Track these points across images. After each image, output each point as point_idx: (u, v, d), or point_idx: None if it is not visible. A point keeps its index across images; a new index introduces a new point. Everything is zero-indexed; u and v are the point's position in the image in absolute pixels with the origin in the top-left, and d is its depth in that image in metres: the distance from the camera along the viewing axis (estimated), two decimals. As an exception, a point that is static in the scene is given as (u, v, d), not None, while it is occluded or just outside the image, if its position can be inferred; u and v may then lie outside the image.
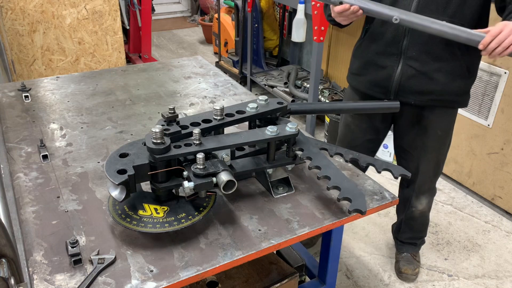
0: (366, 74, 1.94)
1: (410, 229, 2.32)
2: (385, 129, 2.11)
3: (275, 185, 1.41)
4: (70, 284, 1.06)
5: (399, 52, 1.81)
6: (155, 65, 2.47)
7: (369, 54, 1.91)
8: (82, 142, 1.67)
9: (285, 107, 1.46)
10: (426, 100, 1.85)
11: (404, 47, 1.79)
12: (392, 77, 1.85)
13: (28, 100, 1.98)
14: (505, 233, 2.70)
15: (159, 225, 1.16)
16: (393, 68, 1.84)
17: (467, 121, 2.89)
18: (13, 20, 3.37)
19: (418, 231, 2.34)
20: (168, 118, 1.29)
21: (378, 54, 1.87)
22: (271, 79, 4.34)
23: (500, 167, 2.76)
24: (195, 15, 7.27)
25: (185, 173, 1.19)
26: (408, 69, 1.81)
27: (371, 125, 2.08)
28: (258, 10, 4.48)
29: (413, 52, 1.78)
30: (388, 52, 1.83)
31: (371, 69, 1.92)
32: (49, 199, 1.35)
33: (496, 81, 2.64)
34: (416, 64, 1.79)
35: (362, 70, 1.96)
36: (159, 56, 5.67)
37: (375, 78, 1.91)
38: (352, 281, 2.35)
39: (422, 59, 1.78)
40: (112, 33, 3.78)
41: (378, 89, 1.91)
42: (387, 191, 1.42)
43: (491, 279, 2.37)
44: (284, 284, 1.58)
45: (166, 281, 1.07)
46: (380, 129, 2.09)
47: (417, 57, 1.78)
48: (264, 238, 1.21)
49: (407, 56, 1.80)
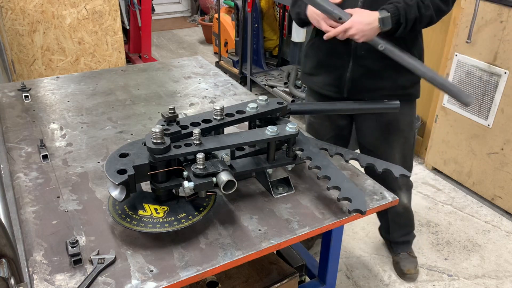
0: (319, 74, 1.97)
1: (399, 226, 2.34)
2: (347, 125, 2.13)
3: (275, 185, 1.41)
4: (70, 284, 1.06)
5: (349, 52, 1.84)
6: (155, 65, 2.47)
7: (320, 55, 1.93)
8: (82, 142, 1.67)
9: (285, 107, 1.46)
10: (379, 96, 1.88)
11: (353, 46, 1.82)
12: (344, 77, 1.88)
13: (28, 100, 1.98)
14: (505, 233, 2.70)
15: (159, 225, 1.16)
16: (344, 67, 1.87)
17: (467, 121, 2.89)
18: (13, 20, 3.37)
19: (407, 226, 2.37)
20: (168, 118, 1.29)
21: (329, 54, 1.90)
22: (271, 79, 4.34)
23: (500, 167, 2.76)
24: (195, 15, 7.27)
25: (185, 173, 1.19)
26: (359, 68, 1.85)
27: (333, 122, 2.11)
28: (258, 10, 4.48)
29: (362, 51, 1.82)
30: (338, 52, 1.86)
31: (323, 69, 1.95)
32: (49, 199, 1.35)
33: (496, 81, 2.64)
34: (366, 63, 1.83)
35: (315, 70, 1.99)
36: (159, 56, 5.67)
37: (328, 78, 1.94)
38: (352, 281, 2.35)
39: (371, 58, 1.81)
40: (112, 33, 3.78)
41: (331, 88, 1.94)
42: (387, 191, 1.42)
43: (491, 279, 2.37)
44: (284, 284, 1.58)
45: (166, 281, 1.07)
46: (342, 125, 2.12)
47: (366, 55, 1.82)
48: (264, 238, 1.21)
49: (357, 56, 1.83)
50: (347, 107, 1.90)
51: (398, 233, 2.36)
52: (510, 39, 2.52)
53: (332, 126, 2.12)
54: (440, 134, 3.11)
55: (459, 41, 2.80)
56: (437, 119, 3.10)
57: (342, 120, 2.10)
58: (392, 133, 2.01)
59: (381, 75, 1.85)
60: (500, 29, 2.56)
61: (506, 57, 2.57)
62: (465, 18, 2.72)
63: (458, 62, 2.84)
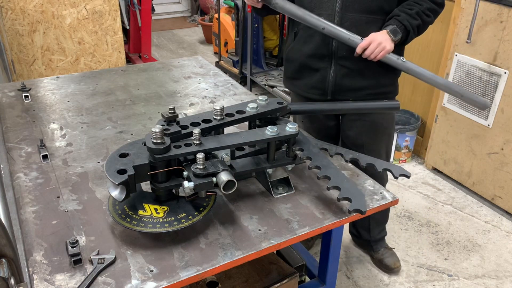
0: (301, 77, 1.98)
1: (378, 223, 2.36)
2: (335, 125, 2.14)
3: (275, 185, 1.41)
4: (70, 284, 1.06)
5: (330, 53, 1.86)
6: (155, 65, 2.47)
7: (301, 58, 1.94)
8: (82, 142, 1.67)
9: (285, 107, 1.46)
10: (363, 95, 1.91)
11: (334, 47, 1.83)
12: (327, 78, 1.90)
13: (28, 100, 1.98)
14: (505, 233, 2.70)
15: (159, 225, 1.16)
16: (326, 69, 1.88)
17: (467, 121, 2.89)
18: (13, 20, 3.37)
19: (383, 222, 2.39)
20: (168, 118, 1.29)
21: (310, 57, 1.90)
22: (271, 79, 4.34)
23: (500, 167, 2.76)
24: (195, 15, 7.27)
25: (185, 173, 1.19)
26: (341, 69, 1.86)
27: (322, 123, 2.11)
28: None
29: (343, 52, 1.83)
30: (319, 54, 1.87)
31: (305, 73, 1.95)
32: (49, 199, 1.35)
33: (496, 81, 2.64)
34: (348, 63, 1.85)
35: (297, 74, 1.99)
36: (159, 56, 5.67)
37: (310, 81, 1.95)
38: (352, 281, 2.35)
39: (352, 58, 1.82)
40: (112, 33, 3.78)
41: (315, 91, 1.95)
42: (387, 191, 1.42)
43: (491, 279, 2.37)
44: (284, 284, 1.58)
45: (166, 281, 1.07)
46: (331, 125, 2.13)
47: (348, 56, 1.83)
48: (264, 238, 1.21)
49: (338, 57, 1.85)
50: (347, 107, 1.91)
51: (377, 230, 2.39)
52: (510, 39, 2.52)
53: (321, 127, 2.13)
54: (440, 134, 3.11)
55: (459, 41, 2.80)
56: (437, 119, 3.10)
57: (330, 121, 2.12)
58: (377, 131, 2.04)
59: (364, 74, 1.87)
60: (500, 29, 2.56)
61: (506, 57, 2.57)
62: (465, 18, 2.72)
63: (458, 62, 2.84)
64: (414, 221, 2.78)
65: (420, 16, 1.76)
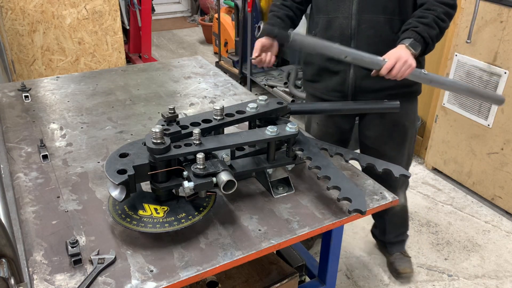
0: (321, 80, 1.96)
1: (395, 227, 2.35)
2: (350, 129, 2.12)
3: (275, 185, 1.41)
4: (70, 284, 1.06)
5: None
6: (155, 65, 2.47)
7: (320, 61, 1.92)
8: (82, 142, 1.67)
9: (285, 107, 1.46)
10: (384, 96, 1.88)
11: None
12: (346, 81, 1.88)
13: (28, 100, 1.98)
14: (505, 233, 2.70)
15: (159, 225, 1.16)
16: (346, 72, 1.86)
17: (467, 121, 2.89)
18: (13, 20, 3.37)
19: (403, 226, 2.37)
20: (168, 118, 1.29)
21: (329, 60, 1.87)
22: (271, 79, 4.34)
23: (500, 167, 2.76)
24: (195, 15, 7.27)
25: (185, 173, 1.19)
26: (360, 70, 1.83)
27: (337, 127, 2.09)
28: (258, 10, 4.47)
29: None
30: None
31: (325, 76, 1.94)
32: (49, 199, 1.35)
33: (496, 81, 2.64)
34: None
35: (316, 77, 1.98)
36: (159, 56, 5.67)
37: (330, 84, 1.93)
38: (352, 281, 2.35)
39: None
40: (112, 33, 3.78)
41: (335, 94, 1.93)
42: (387, 191, 1.42)
43: (491, 279, 2.37)
44: (284, 284, 1.58)
45: (166, 281, 1.07)
46: (346, 129, 2.10)
47: None
48: (264, 238, 1.21)
49: None
50: (347, 107, 1.91)
51: (393, 233, 2.37)
52: (510, 39, 2.52)
53: (337, 131, 2.10)
54: (440, 134, 3.11)
55: (459, 41, 2.80)
56: (437, 119, 3.10)
57: (346, 124, 2.08)
58: (398, 131, 2.00)
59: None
60: (500, 29, 2.56)
61: (506, 57, 2.57)
62: (465, 18, 2.72)
63: (458, 62, 2.84)
64: (414, 221, 2.78)
65: (437, 23, 1.67)
